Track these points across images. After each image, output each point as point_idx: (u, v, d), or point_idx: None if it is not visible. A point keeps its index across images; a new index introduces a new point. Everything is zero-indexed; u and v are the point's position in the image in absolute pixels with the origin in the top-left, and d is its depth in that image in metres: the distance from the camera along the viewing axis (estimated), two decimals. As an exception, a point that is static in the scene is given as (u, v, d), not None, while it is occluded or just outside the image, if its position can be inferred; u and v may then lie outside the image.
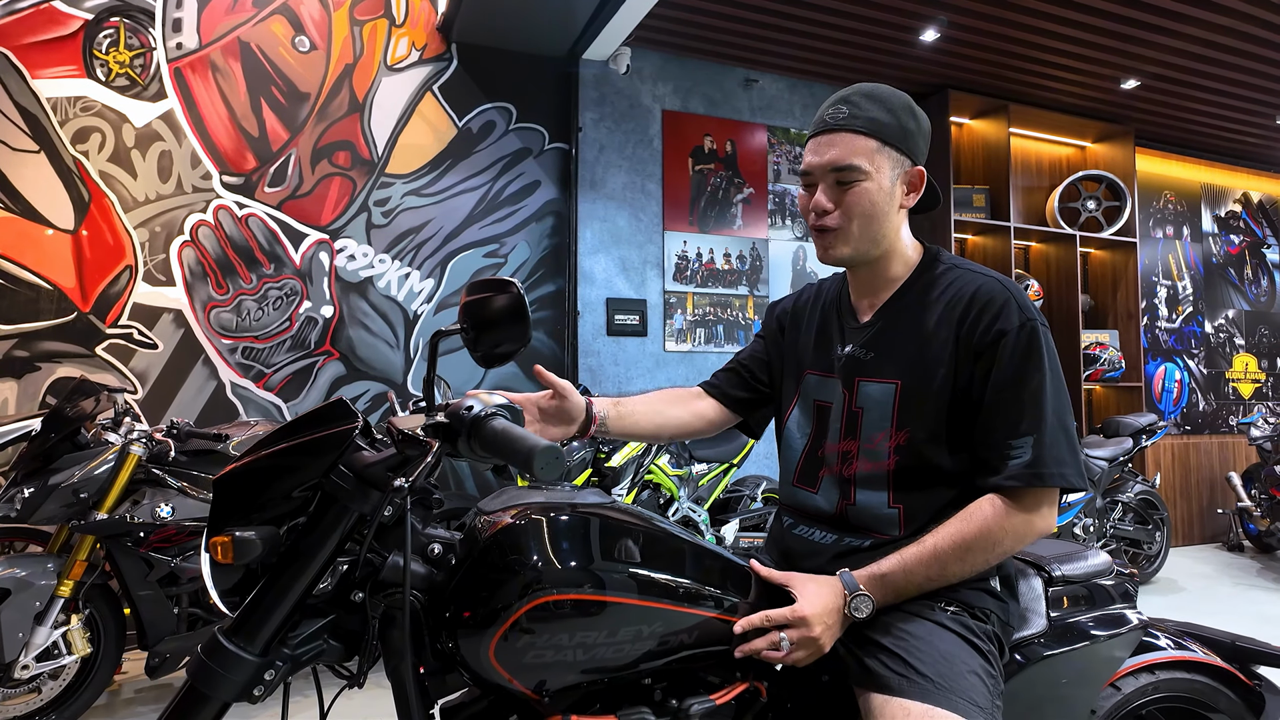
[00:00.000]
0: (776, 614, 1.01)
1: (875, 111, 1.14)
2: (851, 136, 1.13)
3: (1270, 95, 5.04)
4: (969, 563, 1.05)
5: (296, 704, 2.68)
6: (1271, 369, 6.54)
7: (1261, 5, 3.88)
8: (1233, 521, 5.59)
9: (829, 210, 1.16)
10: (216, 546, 0.82)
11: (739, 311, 4.57)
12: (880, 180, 1.14)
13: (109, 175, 3.37)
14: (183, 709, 0.82)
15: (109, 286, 3.36)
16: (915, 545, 1.05)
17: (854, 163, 1.13)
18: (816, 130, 1.17)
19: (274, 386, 3.60)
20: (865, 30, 4.19)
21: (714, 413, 1.43)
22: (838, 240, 1.17)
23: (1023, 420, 1.06)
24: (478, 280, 0.95)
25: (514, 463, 0.79)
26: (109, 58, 3.40)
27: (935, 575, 1.04)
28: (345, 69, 3.79)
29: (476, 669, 0.91)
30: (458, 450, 0.85)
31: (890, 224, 1.18)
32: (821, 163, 1.15)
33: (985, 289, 1.13)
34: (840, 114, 1.15)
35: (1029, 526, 1.06)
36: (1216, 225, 6.35)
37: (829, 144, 1.15)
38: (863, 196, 1.14)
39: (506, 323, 0.91)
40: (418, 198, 3.91)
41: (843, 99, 1.17)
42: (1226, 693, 1.32)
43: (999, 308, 1.10)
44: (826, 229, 1.17)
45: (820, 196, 1.16)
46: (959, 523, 1.05)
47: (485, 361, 0.96)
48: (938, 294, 1.17)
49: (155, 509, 2.46)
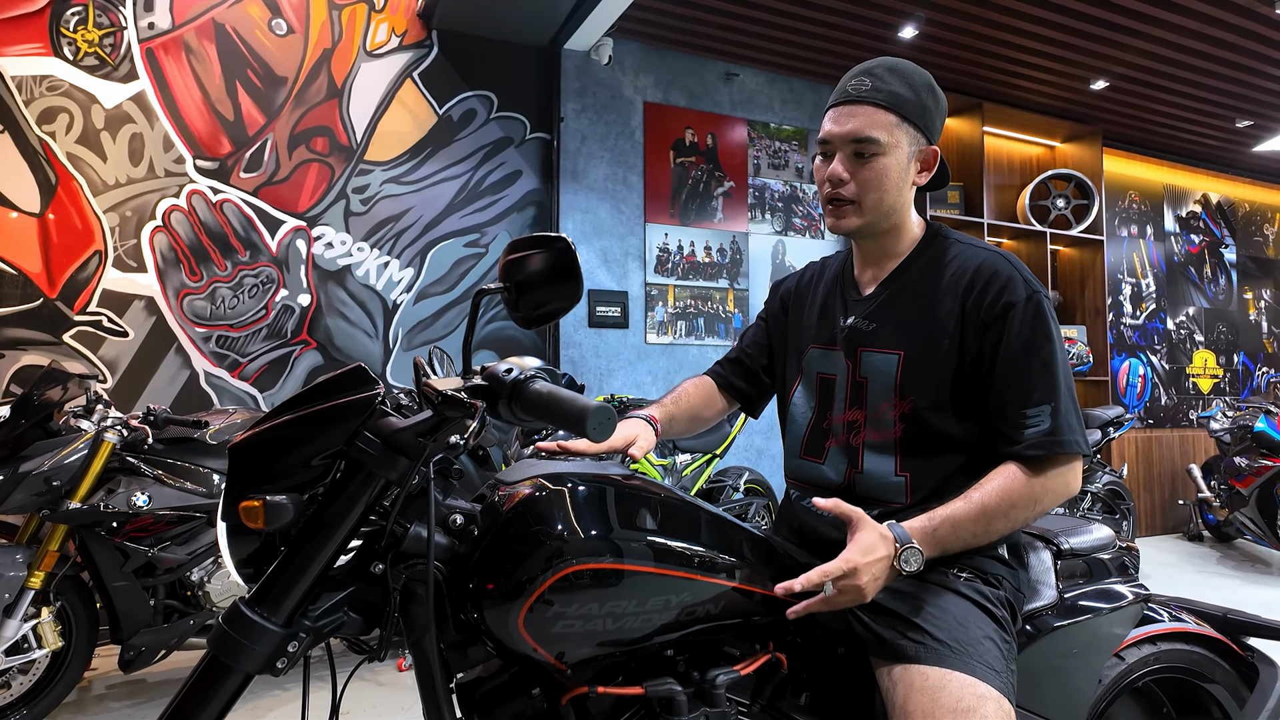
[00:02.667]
0: (832, 568, 0.98)
1: (898, 86, 1.14)
2: (873, 109, 1.14)
3: (1230, 99, 5.20)
4: (1012, 519, 1.05)
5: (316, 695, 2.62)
6: (1229, 365, 6.75)
7: (1226, 8, 4.00)
8: (1193, 512, 5.76)
9: (845, 180, 1.16)
10: (245, 511, 0.79)
11: (719, 304, 4.59)
12: (897, 155, 1.15)
13: (77, 157, 3.26)
14: (204, 682, 0.79)
15: (77, 272, 3.25)
16: (962, 500, 1.05)
17: (874, 135, 1.13)
18: (838, 100, 1.17)
19: (249, 376, 3.52)
20: (845, 26, 4.23)
21: (723, 403, 1.46)
22: (851, 211, 1.17)
23: (1036, 390, 1.07)
24: (521, 238, 0.92)
25: (563, 425, 0.78)
26: (77, 36, 3.28)
27: (980, 531, 1.05)
28: (324, 53, 3.72)
29: (503, 640, 0.90)
30: (498, 414, 0.83)
31: (902, 199, 1.18)
32: (841, 133, 1.15)
33: (990, 262, 1.14)
34: (863, 86, 1.15)
35: (1065, 488, 1.08)
36: (1178, 225, 6.54)
37: (850, 115, 1.15)
38: (879, 170, 1.14)
39: (556, 280, 0.88)
40: (397, 186, 3.85)
41: (866, 71, 1.16)
42: (1222, 663, 1.35)
43: (1005, 280, 1.11)
44: (841, 199, 1.17)
45: (837, 166, 1.16)
46: (1002, 479, 1.06)
47: (526, 323, 0.93)
48: (941, 267, 1.18)
49: (131, 498, 2.38)
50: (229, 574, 2.56)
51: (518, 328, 4.06)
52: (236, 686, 0.80)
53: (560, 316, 0.92)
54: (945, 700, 0.96)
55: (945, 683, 0.98)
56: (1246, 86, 4.99)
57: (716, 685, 0.97)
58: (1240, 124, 5.66)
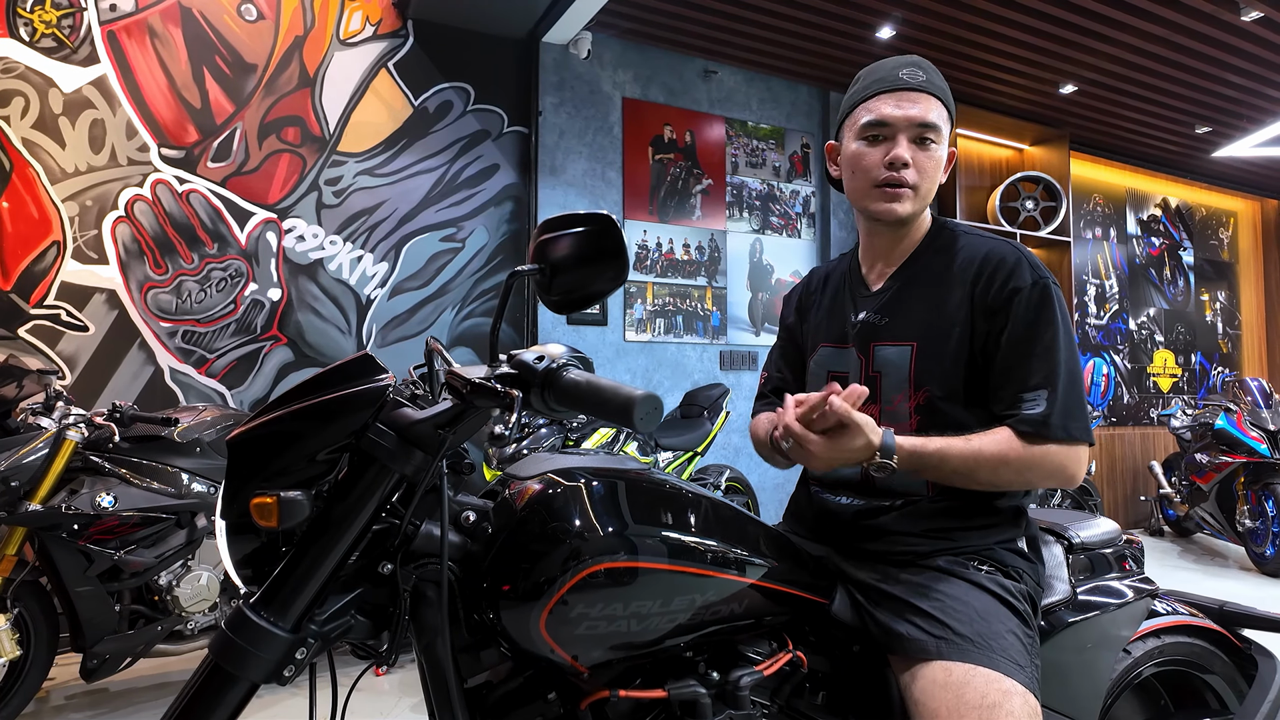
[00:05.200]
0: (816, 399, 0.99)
1: (942, 83, 1.19)
2: (930, 99, 1.15)
3: (1191, 105, 5.34)
4: (999, 476, 1.04)
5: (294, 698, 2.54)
6: (1187, 365, 6.94)
7: (1191, 15, 4.10)
8: (1154, 507, 5.91)
9: (908, 164, 1.14)
10: (258, 508, 0.73)
11: (698, 302, 4.57)
12: (944, 148, 1.18)
13: (33, 143, 3.11)
14: (207, 692, 0.73)
15: (33, 263, 3.10)
16: (961, 440, 1.04)
17: (936, 122, 1.15)
18: (893, 86, 1.15)
19: (217, 373, 3.40)
20: (822, 25, 4.24)
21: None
22: (908, 196, 1.15)
23: (1035, 375, 1.06)
24: (556, 216, 0.86)
25: (605, 415, 0.73)
26: (34, 16, 3.14)
27: (964, 473, 1.04)
28: (295, 41, 3.61)
29: (521, 642, 0.86)
30: (529, 404, 0.78)
31: (935, 192, 1.20)
32: (905, 117, 1.13)
33: (997, 250, 1.14)
34: (918, 76, 1.16)
35: (1059, 471, 1.05)
36: (1139, 228, 6.71)
37: (912, 100, 1.14)
38: (937, 159, 1.17)
39: (598, 260, 0.83)
40: (371, 178, 3.76)
41: (915, 63, 1.17)
42: (1221, 656, 1.36)
43: (1011, 267, 1.11)
44: (902, 183, 1.14)
45: (901, 150, 1.14)
46: (1005, 436, 1.05)
47: (559, 308, 0.88)
48: (949, 257, 1.17)
49: (95, 499, 2.27)
50: (199, 578, 2.47)
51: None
52: (242, 697, 0.75)
53: (600, 300, 0.88)
54: (970, 696, 0.94)
55: (969, 678, 0.96)
56: (1207, 93, 5.13)
57: (740, 686, 0.94)
58: (1200, 130, 5.81)
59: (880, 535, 1.14)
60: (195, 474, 2.48)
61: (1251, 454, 4.65)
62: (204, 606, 2.47)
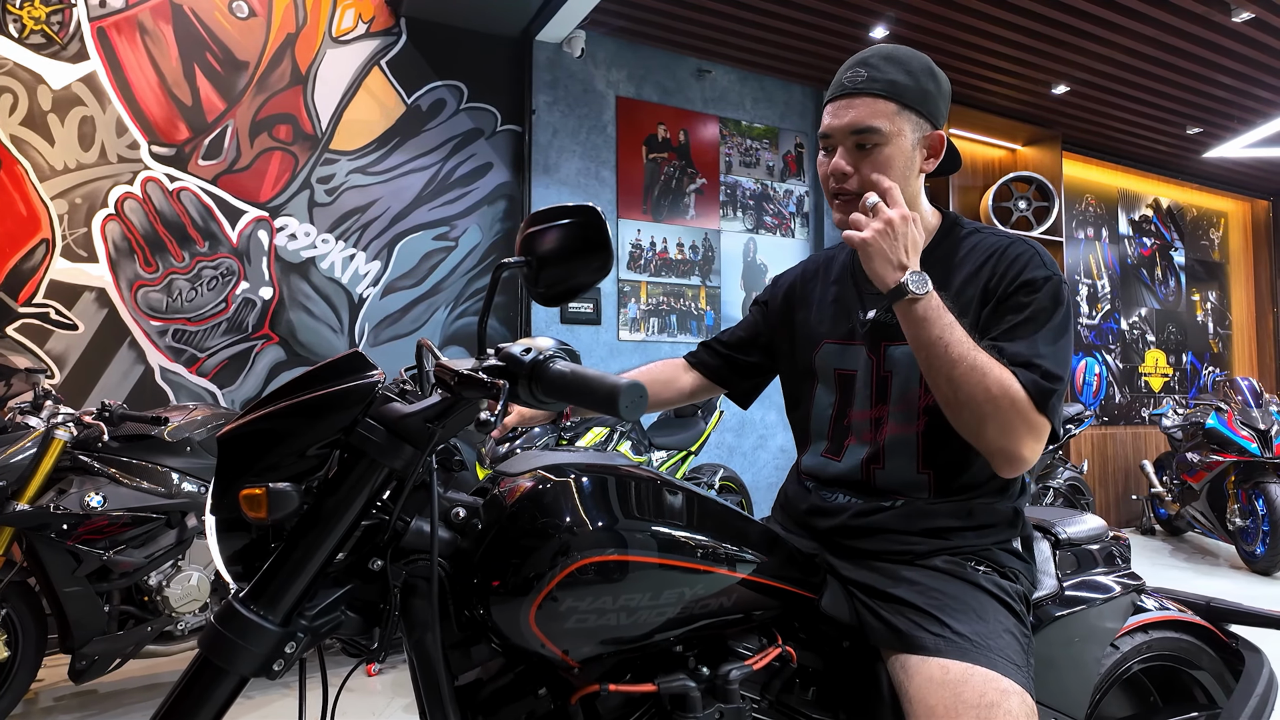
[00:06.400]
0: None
1: (894, 74, 1.11)
2: (871, 99, 1.10)
3: (1183, 106, 5.37)
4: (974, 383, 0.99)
5: (284, 698, 2.53)
6: (1178, 364, 6.98)
7: (1183, 17, 4.12)
8: (1145, 506, 5.94)
9: (848, 174, 1.12)
10: (247, 500, 0.73)
11: (692, 301, 4.57)
12: (901, 144, 1.11)
13: (21, 140, 3.09)
14: (196, 686, 0.73)
15: (21, 261, 3.08)
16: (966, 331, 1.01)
17: (874, 125, 1.10)
18: (835, 94, 1.14)
19: (208, 372, 3.38)
20: (816, 25, 4.25)
21: (692, 384, 1.41)
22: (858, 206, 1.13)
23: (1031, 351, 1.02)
24: (543, 209, 0.87)
25: (591, 405, 0.73)
26: (23, 13, 3.12)
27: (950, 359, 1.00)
28: (287, 38, 3.60)
29: (512, 637, 0.85)
30: (516, 396, 0.78)
31: (910, 189, 1.15)
32: (841, 125, 1.12)
33: (1012, 246, 1.12)
34: (859, 77, 1.12)
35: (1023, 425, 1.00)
36: (1131, 228, 6.74)
37: (848, 106, 1.11)
38: (883, 160, 1.11)
39: (584, 252, 0.83)
40: (364, 176, 3.75)
41: (860, 61, 1.13)
42: (1209, 651, 1.37)
43: (1026, 261, 1.09)
44: (846, 193, 1.13)
45: (839, 159, 1.12)
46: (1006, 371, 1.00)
47: (546, 300, 0.89)
48: (963, 255, 1.15)
49: (84, 498, 2.26)
50: (189, 578, 2.46)
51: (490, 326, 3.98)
52: (231, 690, 0.74)
53: (585, 291, 0.88)
54: (968, 695, 0.94)
55: (968, 677, 0.96)
56: (1198, 94, 5.16)
57: (730, 680, 0.94)
58: (1190, 131, 5.85)
59: (877, 534, 1.13)
60: (185, 473, 2.46)
61: (1242, 453, 4.68)
62: (194, 607, 2.46)
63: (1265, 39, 4.36)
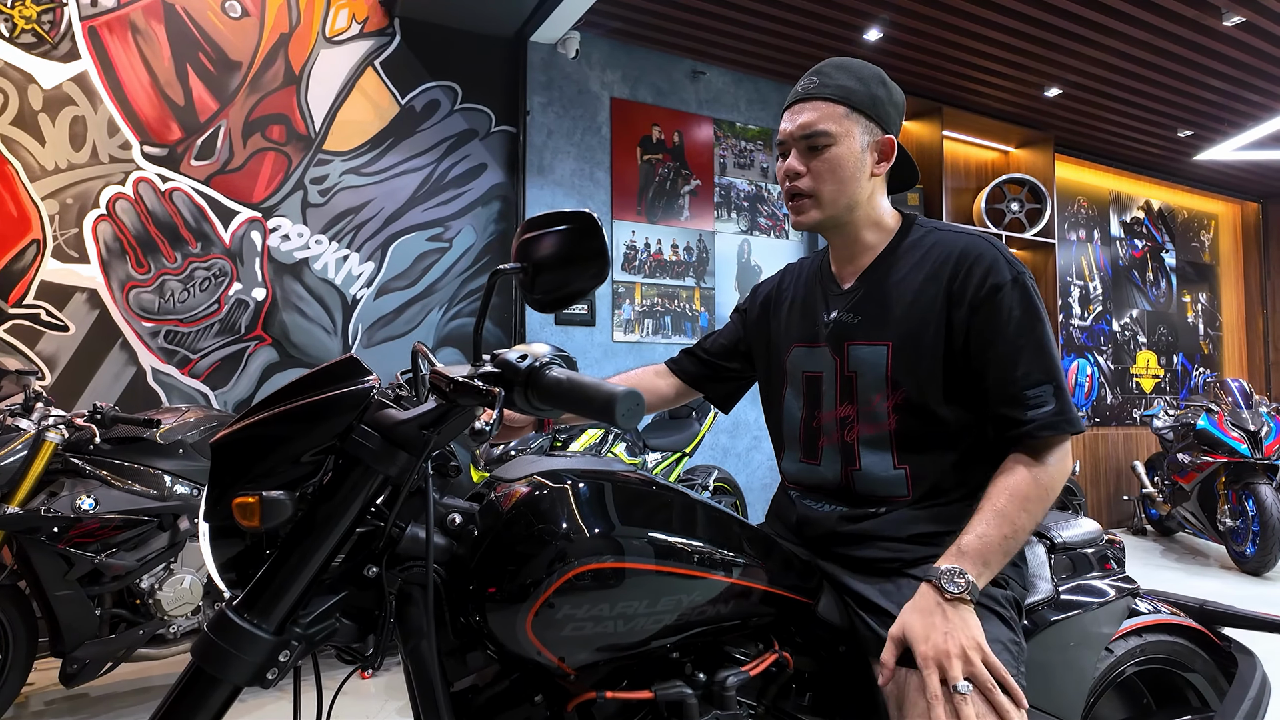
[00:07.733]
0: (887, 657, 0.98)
1: (844, 80, 1.17)
2: (821, 103, 1.17)
3: (1174, 109, 5.40)
4: (1031, 513, 1.04)
5: (278, 703, 2.51)
6: (1169, 365, 7.02)
7: (1175, 20, 4.15)
8: (1136, 507, 5.97)
9: (800, 174, 1.18)
10: (240, 508, 0.73)
11: (686, 303, 4.57)
12: (850, 145, 1.16)
13: (11, 140, 3.07)
14: (189, 695, 0.73)
15: (12, 262, 3.06)
16: (976, 515, 1.03)
17: (823, 127, 1.15)
18: (790, 101, 1.21)
19: (200, 373, 3.36)
20: (810, 27, 4.26)
21: (670, 389, 1.45)
22: (810, 205, 1.18)
23: (1035, 370, 1.07)
24: (539, 215, 0.87)
25: (587, 412, 0.73)
26: (14, 12, 3.09)
27: (1010, 533, 1.02)
28: (280, 38, 3.58)
29: (508, 644, 0.85)
30: (512, 403, 0.78)
31: (861, 189, 1.18)
32: (793, 129, 1.18)
33: (972, 246, 1.14)
34: (811, 84, 1.19)
35: (1065, 469, 1.07)
36: (1122, 230, 6.78)
37: (799, 111, 1.18)
38: (832, 160, 1.16)
39: (580, 259, 0.83)
40: (357, 177, 3.73)
41: (815, 70, 1.20)
42: (1202, 654, 1.38)
43: (989, 263, 1.11)
44: (799, 193, 1.19)
45: (792, 161, 1.18)
46: (1005, 478, 1.05)
47: (542, 306, 0.88)
48: (922, 254, 1.17)
49: (75, 501, 2.24)
50: (181, 581, 2.44)
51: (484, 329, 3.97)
52: (224, 700, 0.74)
53: (582, 298, 0.88)
54: None
55: None
56: (1189, 97, 5.19)
57: (727, 687, 0.94)
58: (1182, 134, 5.88)
59: (864, 541, 1.14)
60: (178, 476, 2.45)
61: (1232, 454, 4.71)
62: (186, 610, 2.45)
63: (1255, 43, 4.39)
